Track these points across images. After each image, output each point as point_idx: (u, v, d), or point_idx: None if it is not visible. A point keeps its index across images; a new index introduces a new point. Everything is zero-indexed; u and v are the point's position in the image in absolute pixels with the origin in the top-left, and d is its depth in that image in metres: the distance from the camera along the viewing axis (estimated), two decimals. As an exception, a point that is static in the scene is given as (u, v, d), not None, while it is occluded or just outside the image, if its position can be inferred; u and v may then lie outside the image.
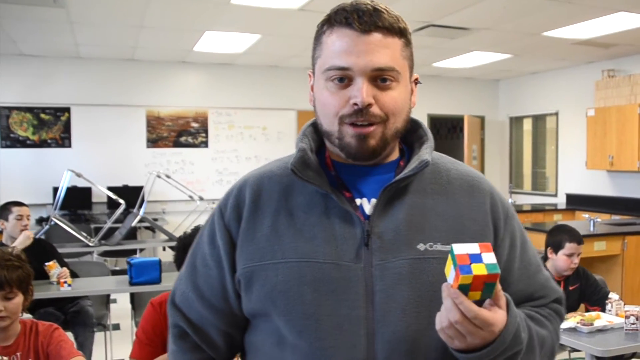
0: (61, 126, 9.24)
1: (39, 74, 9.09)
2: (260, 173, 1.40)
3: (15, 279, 2.64)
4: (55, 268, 4.68)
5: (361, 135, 1.25)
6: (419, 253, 1.26)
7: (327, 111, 1.28)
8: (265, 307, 1.28)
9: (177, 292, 1.45)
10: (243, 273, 1.30)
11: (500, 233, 1.36)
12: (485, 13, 6.66)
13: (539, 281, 1.42)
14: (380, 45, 1.23)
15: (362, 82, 1.22)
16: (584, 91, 9.78)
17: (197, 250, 1.43)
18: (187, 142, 9.90)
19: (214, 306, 1.37)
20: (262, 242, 1.29)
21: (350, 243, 1.26)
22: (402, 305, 1.23)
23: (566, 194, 10.27)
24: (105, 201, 8.96)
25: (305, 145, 1.34)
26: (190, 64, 9.84)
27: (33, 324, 2.73)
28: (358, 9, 1.24)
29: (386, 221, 1.28)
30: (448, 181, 1.36)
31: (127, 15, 6.86)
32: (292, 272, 1.25)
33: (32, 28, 7.40)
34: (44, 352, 2.67)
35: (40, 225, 8.06)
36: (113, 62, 9.45)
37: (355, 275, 1.24)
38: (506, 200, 1.43)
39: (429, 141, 1.37)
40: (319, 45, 1.30)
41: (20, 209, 4.89)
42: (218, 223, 1.37)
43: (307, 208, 1.30)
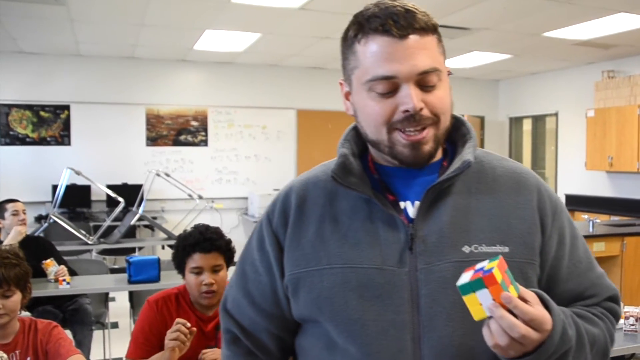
0: (61, 124, 9.23)
1: (39, 72, 9.08)
2: (305, 179, 1.40)
3: (13, 276, 2.63)
4: (52, 266, 4.67)
5: (414, 144, 1.24)
6: (464, 256, 1.24)
7: (375, 121, 1.25)
8: (313, 313, 1.29)
9: (228, 298, 1.46)
10: (290, 279, 1.31)
11: (548, 230, 1.32)
12: (486, 13, 6.66)
13: (590, 279, 1.36)
14: (420, 47, 1.21)
15: (409, 88, 1.21)
16: (583, 92, 9.78)
17: (246, 257, 1.44)
18: (187, 141, 9.89)
19: (265, 311, 1.39)
20: (308, 248, 1.30)
21: (395, 247, 1.25)
22: (448, 310, 1.22)
23: (565, 194, 10.27)
24: (104, 199, 8.94)
25: (347, 151, 1.33)
26: (190, 62, 9.84)
27: (32, 322, 2.72)
28: (392, 13, 1.21)
29: (430, 224, 1.27)
30: (493, 179, 1.34)
31: (127, 13, 6.86)
32: (337, 278, 1.26)
33: (32, 25, 7.39)
34: (42, 350, 2.66)
35: (39, 223, 8.07)
36: (113, 60, 9.44)
37: (399, 280, 1.24)
38: (555, 194, 1.40)
39: (472, 139, 1.35)
40: (352, 55, 1.27)
41: (15, 204, 4.89)
42: (266, 229, 1.38)
43: (351, 213, 1.30)
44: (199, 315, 2.87)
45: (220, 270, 2.86)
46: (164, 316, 2.83)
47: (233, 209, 9.99)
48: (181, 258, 2.88)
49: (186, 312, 2.86)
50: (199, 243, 2.82)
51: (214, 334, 2.85)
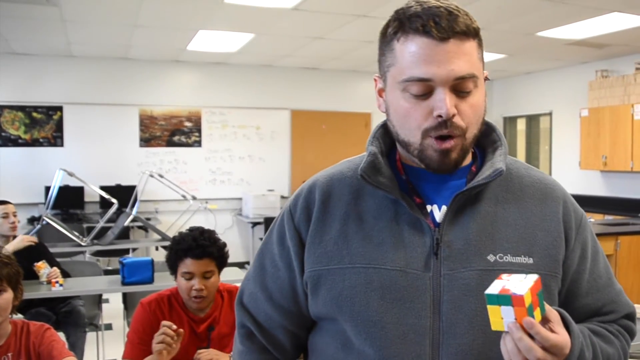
0: (53, 125, 9.20)
1: (32, 73, 9.06)
2: (329, 174, 1.38)
3: (5, 274, 2.63)
4: (44, 268, 4.65)
5: (445, 151, 1.22)
6: (489, 264, 1.23)
7: (409, 123, 1.24)
8: (332, 311, 1.28)
9: (245, 292, 1.45)
10: (310, 276, 1.30)
11: (571, 244, 1.32)
12: (479, 13, 6.61)
13: (609, 295, 1.36)
14: (460, 52, 1.19)
15: (444, 93, 1.19)
16: (577, 91, 9.80)
17: (265, 251, 1.42)
18: (181, 142, 9.88)
19: (282, 307, 1.37)
20: (330, 246, 1.29)
21: (419, 251, 1.24)
22: (470, 317, 1.21)
23: (559, 194, 10.29)
24: (97, 201, 8.93)
25: (376, 149, 1.32)
26: (183, 63, 9.82)
27: (24, 324, 2.71)
28: (434, 14, 1.19)
29: (456, 230, 1.26)
30: (520, 188, 1.33)
31: (120, 14, 6.84)
32: (359, 277, 1.24)
33: (24, 26, 7.36)
34: (35, 352, 2.65)
35: (32, 225, 8.04)
36: (106, 61, 9.42)
37: (423, 284, 1.23)
38: (579, 207, 1.39)
39: (503, 147, 1.34)
40: (390, 52, 1.25)
41: (5, 207, 4.83)
42: (288, 224, 1.36)
43: (376, 213, 1.29)
44: (191, 317, 2.88)
45: (211, 276, 2.89)
46: (157, 317, 2.83)
47: (227, 209, 9.97)
48: (174, 261, 2.90)
49: (178, 314, 2.88)
50: (191, 249, 2.84)
51: (206, 335, 2.87)
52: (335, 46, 8.53)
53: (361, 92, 10.89)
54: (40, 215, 7.53)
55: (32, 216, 8.78)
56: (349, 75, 10.74)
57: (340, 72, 10.62)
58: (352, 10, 6.48)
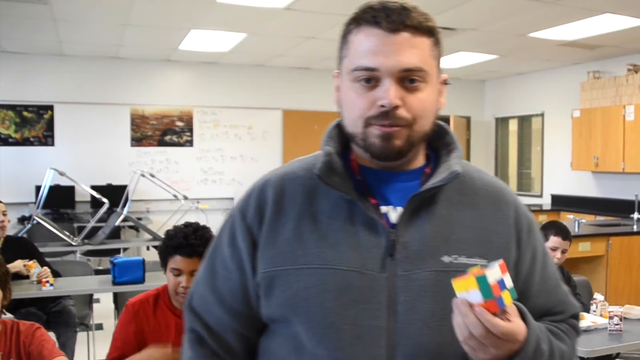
0: (44, 124, 9.17)
1: (22, 72, 9.03)
2: (281, 174, 1.36)
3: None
4: (34, 268, 4.64)
5: (386, 135, 1.21)
6: (444, 265, 1.24)
7: (353, 113, 1.24)
8: (285, 313, 1.25)
9: (194, 295, 1.41)
10: (264, 277, 1.27)
11: (523, 246, 1.34)
12: (472, 14, 6.67)
13: (558, 296, 1.40)
14: (409, 45, 1.20)
15: (389, 83, 1.19)
16: (569, 92, 9.83)
17: (215, 253, 1.39)
18: (172, 141, 9.86)
19: (234, 310, 1.34)
20: (285, 246, 1.26)
21: (375, 252, 1.23)
22: (425, 318, 1.21)
23: (551, 194, 10.33)
24: (88, 200, 8.92)
25: (331, 149, 1.30)
26: (175, 62, 9.81)
27: (14, 324, 2.71)
28: (386, 7, 1.21)
29: (412, 231, 1.25)
30: (474, 192, 1.34)
31: (111, 13, 6.83)
32: (315, 278, 1.23)
33: (14, 24, 7.34)
34: (25, 352, 2.65)
35: (23, 224, 8.01)
36: (97, 60, 9.40)
37: (378, 285, 1.22)
38: (529, 212, 1.41)
39: (458, 150, 1.34)
40: (345, 45, 1.27)
41: None
42: (239, 224, 1.33)
43: (331, 213, 1.27)
44: (178, 314, 2.88)
45: None
46: (139, 318, 2.84)
47: (219, 209, 9.95)
48: (164, 255, 2.90)
49: (164, 313, 2.89)
50: (181, 247, 2.84)
51: None
52: (328, 46, 8.51)
53: (353, 93, 10.91)
54: (30, 215, 7.51)
55: (23, 215, 8.75)
56: (341, 75, 10.74)
57: (332, 72, 10.57)
58: (344, 10, 6.46)
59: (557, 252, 4.14)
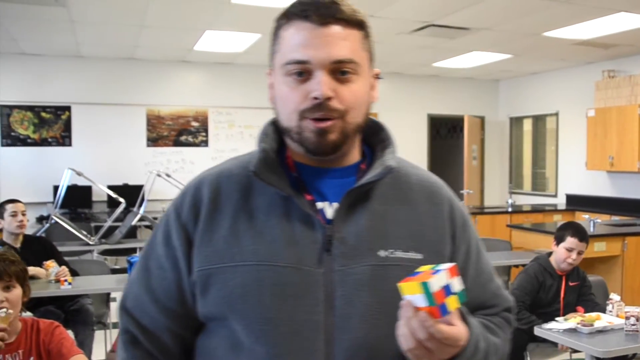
0: (62, 125, 9.26)
1: (40, 73, 9.11)
2: (217, 172, 1.35)
3: (13, 271, 2.70)
4: (52, 267, 4.69)
5: (321, 130, 1.22)
6: (380, 259, 1.25)
7: (287, 107, 1.25)
8: (222, 310, 1.24)
9: (128, 296, 1.37)
10: (200, 275, 1.26)
11: (457, 241, 1.36)
12: (486, 13, 6.67)
13: (492, 290, 1.42)
14: (339, 37, 1.21)
15: (321, 75, 1.20)
16: (584, 92, 9.79)
17: (150, 252, 1.36)
18: (187, 141, 9.91)
19: (169, 309, 1.32)
20: (221, 244, 1.25)
21: (312, 247, 1.24)
22: (362, 312, 1.22)
23: (566, 194, 10.29)
24: (105, 200, 8.98)
25: (267, 146, 1.31)
26: (190, 63, 9.85)
27: (34, 322, 2.74)
28: (316, 1, 1.22)
29: (348, 226, 1.26)
30: (409, 187, 1.35)
31: (127, 15, 6.88)
32: (251, 275, 1.22)
33: (33, 27, 7.42)
34: (45, 349, 2.69)
35: (41, 224, 8.08)
36: (113, 61, 9.47)
37: (315, 281, 1.22)
38: (463, 207, 1.43)
39: (392, 146, 1.36)
40: (276, 40, 1.27)
41: (14, 205, 4.87)
42: (174, 223, 1.31)
43: (267, 210, 1.27)
44: None
45: None
46: None
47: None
48: None
49: None
50: None
51: None
52: (342, 46, 8.55)
53: (368, 92, 10.91)
54: (48, 214, 7.58)
55: (41, 215, 8.82)
56: (355, 75, 10.75)
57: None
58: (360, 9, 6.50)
59: (573, 254, 4.13)
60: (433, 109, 11.42)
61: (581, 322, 3.55)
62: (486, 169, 11.81)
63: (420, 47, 8.58)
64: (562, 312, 4.08)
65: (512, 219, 9.01)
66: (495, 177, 11.90)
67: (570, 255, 4.12)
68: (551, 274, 4.22)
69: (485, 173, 11.82)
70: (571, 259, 4.13)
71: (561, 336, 3.52)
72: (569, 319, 3.64)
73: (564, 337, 3.49)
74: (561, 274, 4.22)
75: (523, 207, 9.94)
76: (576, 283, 4.26)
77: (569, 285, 4.23)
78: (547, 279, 4.22)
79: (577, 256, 4.14)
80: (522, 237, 7.35)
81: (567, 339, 3.46)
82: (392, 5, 6.28)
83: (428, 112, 11.38)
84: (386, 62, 9.93)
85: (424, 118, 11.37)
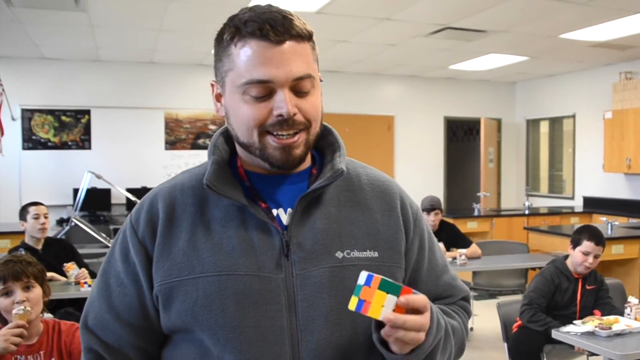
0: (81, 128, 9.33)
1: (60, 77, 9.20)
2: (170, 186, 1.36)
3: (32, 272, 2.76)
4: (73, 269, 4.73)
5: (285, 147, 1.25)
6: (338, 261, 1.28)
7: (246, 124, 1.25)
8: (187, 322, 1.25)
9: (89, 314, 1.36)
10: (161, 289, 1.27)
11: (410, 235, 1.39)
12: (502, 15, 6.67)
13: (446, 281, 1.47)
14: (295, 53, 1.23)
15: (284, 93, 1.22)
16: (601, 93, 9.75)
17: (108, 269, 1.35)
18: (205, 145, 9.94)
19: (132, 325, 1.32)
20: (180, 257, 1.26)
21: (270, 254, 1.26)
22: (325, 313, 1.25)
23: (583, 196, 10.24)
24: (124, 202, 9.06)
25: (218, 157, 1.33)
26: (208, 66, 9.85)
27: (55, 324, 2.79)
28: (269, 18, 1.22)
29: (304, 231, 1.29)
30: (360, 187, 1.39)
31: (146, 19, 6.94)
32: (213, 286, 1.23)
33: (54, 32, 7.50)
34: (66, 351, 2.72)
35: (61, 226, 8.14)
36: (132, 65, 9.55)
37: (276, 286, 1.25)
38: (414, 202, 1.46)
39: (341, 149, 1.39)
40: (227, 57, 1.26)
41: (37, 208, 4.92)
42: (131, 239, 1.31)
43: (224, 221, 1.28)
44: None
45: None
46: None
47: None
48: None
49: None
50: None
51: None
52: (359, 49, 8.57)
53: (384, 95, 10.92)
54: (68, 217, 7.64)
55: (61, 217, 8.89)
56: (372, 78, 10.78)
57: (363, 75, 10.66)
58: (375, 14, 6.53)
59: (590, 257, 4.12)
60: (449, 112, 11.41)
61: (599, 325, 3.54)
62: (503, 172, 11.77)
63: (437, 49, 8.58)
64: (579, 316, 4.08)
65: (529, 221, 9.00)
66: (511, 179, 11.86)
67: (586, 259, 4.11)
68: (567, 276, 4.22)
69: (501, 175, 11.78)
70: (587, 262, 4.12)
71: (579, 339, 3.51)
72: (587, 322, 3.64)
73: (581, 340, 3.49)
74: (577, 277, 4.22)
75: (540, 210, 9.91)
76: (593, 286, 4.24)
77: (585, 289, 4.22)
78: (563, 282, 4.21)
79: (593, 260, 4.13)
80: (539, 239, 7.34)
81: (585, 342, 3.45)
82: (409, 8, 6.29)
83: (444, 115, 11.36)
84: (403, 65, 9.93)
85: (441, 120, 11.36)
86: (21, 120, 9.06)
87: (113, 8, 6.46)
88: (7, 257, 2.86)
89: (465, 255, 5.57)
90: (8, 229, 7.10)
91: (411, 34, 7.55)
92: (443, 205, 7.43)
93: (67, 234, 6.70)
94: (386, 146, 10.94)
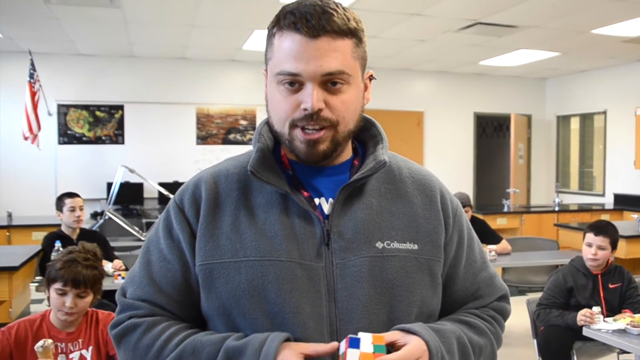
0: (115, 123, 9.48)
1: (95, 73, 9.35)
2: (215, 171, 1.38)
3: (91, 279, 2.78)
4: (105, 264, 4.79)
5: (310, 141, 1.26)
6: (378, 251, 1.29)
7: (279, 114, 1.28)
8: (227, 305, 1.27)
9: (128, 288, 1.36)
10: (202, 269, 1.28)
11: (450, 230, 1.40)
12: (534, 11, 6.64)
13: (483, 279, 1.46)
14: (330, 49, 1.23)
15: (311, 88, 1.22)
16: (633, 90, 9.65)
17: (150, 248, 1.37)
18: (236, 140, 10.03)
19: (175, 300, 1.32)
20: (223, 240, 1.28)
21: (311, 242, 1.28)
22: (364, 303, 1.26)
23: (614, 193, 10.14)
24: (156, 197, 9.18)
25: (263, 145, 1.34)
26: (239, 62, 9.97)
27: (93, 313, 2.86)
28: (307, 12, 1.22)
29: (345, 220, 1.30)
30: (401, 180, 1.40)
31: (179, 15, 7.02)
32: (255, 270, 1.25)
33: (88, 28, 7.63)
34: (103, 340, 2.80)
35: (95, 220, 8.26)
36: (165, 61, 9.66)
37: (317, 274, 1.26)
38: (454, 197, 1.47)
39: (384, 141, 1.40)
40: (270, 47, 1.29)
41: (73, 200, 4.99)
42: (176, 217, 1.33)
43: (266, 207, 1.30)
44: None
45: None
46: None
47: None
48: None
49: None
50: None
51: None
52: (389, 45, 8.58)
53: (414, 91, 10.92)
54: (102, 210, 7.75)
55: (95, 211, 9.03)
56: (401, 73, 10.78)
57: (393, 70, 10.66)
58: (405, 9, 6.53)
59: (592, 249, 4.07)
60: (479, 108, 11.36)
61: (631, 323, 3.51)
62: (533, 168, 11.71)
63: (467, 45, 8.57)
64: (605, 314, 4.04)
65: (559, 218, 8.94)
66: (541, 176, 11.78)
67: (589, 251, 4.10)
68: (584, 273, 4.17)
69: (531, 172, 11.72)
70: (591, 254, 4.09)
71: (610, 337, 3.50)
72: (618, 320, 3.62)
73: (613, 338, 3.48)
74: (595, 273, 4.17)
75: (570, 207, 9.84)
76: (618, 284, 4.18)
77: (608, 287, 4.17)
78: (580, 279, 4.15)
79: (597, 251, 4.08)
80: (569, 236, 7.30)
81: (616, 339, 3.43)
82: (439, 4, 6.30)
83: (474, 111, 11.33)
84: (432, 61, 9.92)
85: (471, 116, 11.33)
86: (57, 115, 9.22)
87: (146, 4, 6.56)
88: (70, 255, 2.81)
89: (495, 252, 5.57)
90: (45, 221, 7.21)
91: (441, 29, 7.55)
92: (472, 202, 7.42)
93: (101, 227, 6.81)
94: (416, 142, 10.93)
